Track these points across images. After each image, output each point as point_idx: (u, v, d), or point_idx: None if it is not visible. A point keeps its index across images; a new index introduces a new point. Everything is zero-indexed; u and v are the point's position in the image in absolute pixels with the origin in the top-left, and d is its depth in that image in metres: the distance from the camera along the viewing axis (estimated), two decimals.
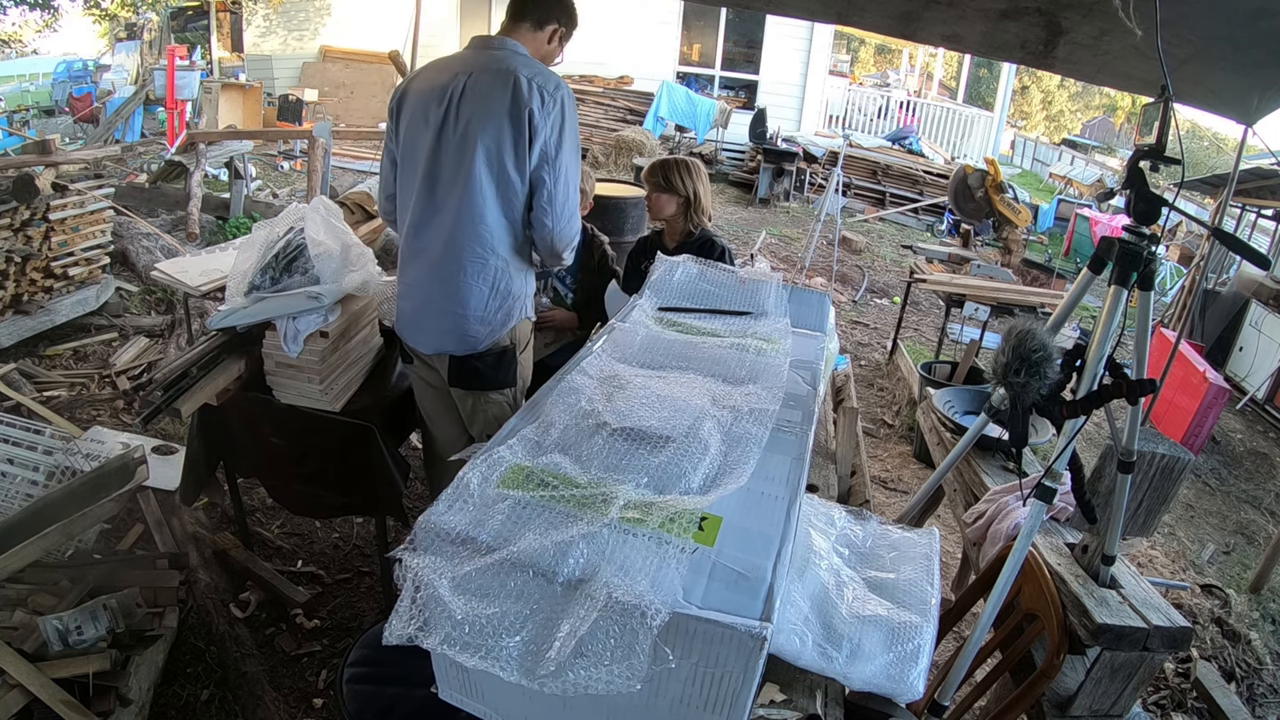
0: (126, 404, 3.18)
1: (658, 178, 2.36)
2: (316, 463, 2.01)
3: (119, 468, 2.24)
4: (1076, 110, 25.04)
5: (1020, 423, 1.42)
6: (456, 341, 1.79)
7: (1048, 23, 2.35)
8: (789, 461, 0.95)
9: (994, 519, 1.85)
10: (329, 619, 2.21)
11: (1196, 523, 3.84)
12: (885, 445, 3.87)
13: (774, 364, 1.16)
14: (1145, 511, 1.73)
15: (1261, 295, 5.78)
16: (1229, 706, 2.34)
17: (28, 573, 1.91)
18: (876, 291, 6.63)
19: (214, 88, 7.62)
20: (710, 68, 10.95)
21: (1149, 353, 1.42)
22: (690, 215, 2.38)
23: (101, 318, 3.76)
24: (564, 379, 1.07)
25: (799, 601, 0.96)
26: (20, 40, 10.79)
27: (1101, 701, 1.53)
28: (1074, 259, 8.83)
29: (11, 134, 7.31)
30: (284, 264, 1.86)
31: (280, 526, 2.58)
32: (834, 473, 1.80)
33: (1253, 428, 5.22)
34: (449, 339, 1.80)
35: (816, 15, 3.20)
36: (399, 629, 0.74)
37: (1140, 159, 1.31)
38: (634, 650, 0.69)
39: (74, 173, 5.30)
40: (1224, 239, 1.41)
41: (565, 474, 0.86)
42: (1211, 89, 2.48)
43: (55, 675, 1.64)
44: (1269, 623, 2.94)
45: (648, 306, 1.37)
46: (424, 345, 1.85)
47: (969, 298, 4.38)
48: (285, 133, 7.47)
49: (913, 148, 10.44)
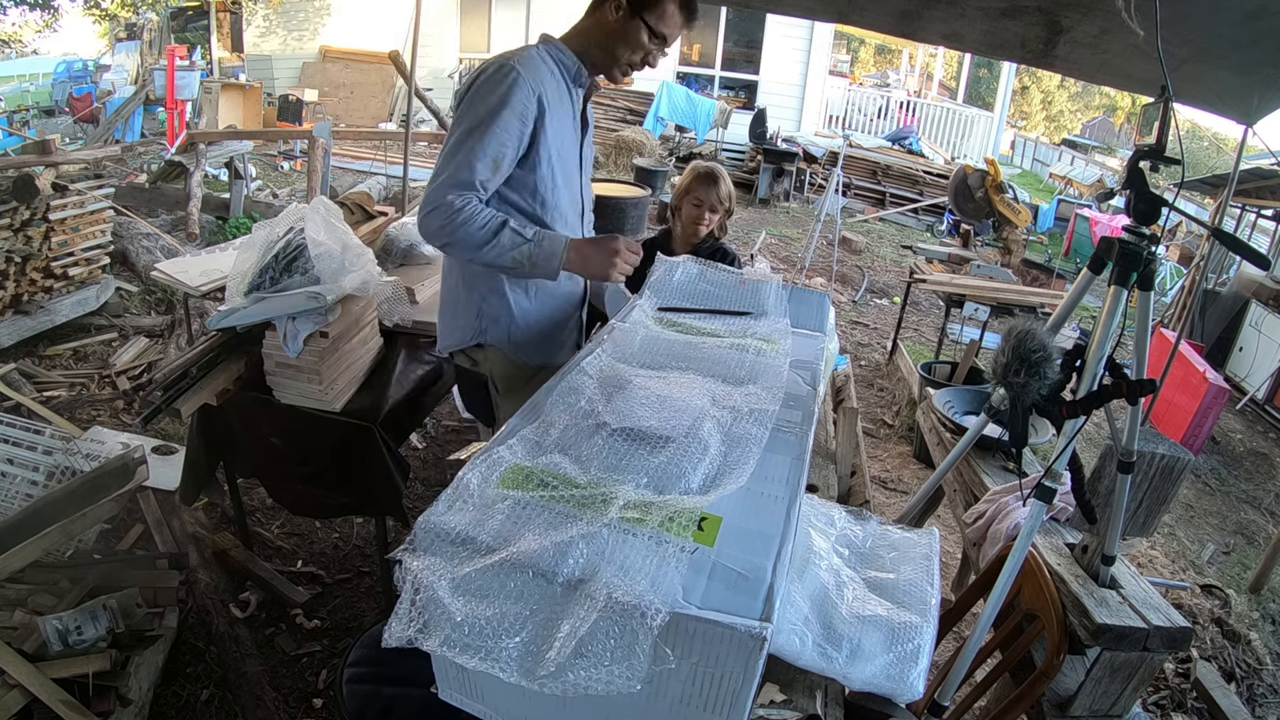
0: (126, 404, 3.18)
1: (727, 203, 2.19)
2: (316, 463, 2.01)
3: (119, 468, 2.24)
4: (1076, 110, 25.04)
5: (1020, 423, 1.42)
6: (444, 335, 1.77)
7: (1048, 21, 2.35)
8: (789, 461, 0.95)
9: (994, 519, 1.85)
10: (329, 619, 2.21)
11: (1196, 523, 3.84)
12: (885, 445, 3.87)
13: (774, 364, 1.16)
14: (1145, 512, 1.73)
15: (1261, 295, 5.78)
16: (1229, 707, 2.34)
17: (28, 573, 1.91)
18: (876, 291, 6.63)
19: (214, 88, 7.62)
20: (710, 68, 10.95)
21: (1149, 353, 1.42)
22: (721, 227, 2.29)
23: (101, 318, 3.77)
24: (564, 379, 1.07)
25: (799, 601, 0.96)
26: (20, 40, 10.80)
27: (1101, 702, 1.53)
28: (1074, 259, 8.83)
29: (11, 134, 7.31)
30: (284, 264, 1.86)
31: (280, 526, 2.58)
32: (834, 473, 1.80)
33: (1253, 428, 5.22)
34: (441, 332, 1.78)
35: (817, 14, 3.21)
36: (399, 631, 0.74)
37: (1140, 159, 1.31)
38: (634, 650, 0.69)
39: (74, 173, 5.29)
40: (1224, 239, 1.41)
41: (565, 474, 0.86)
42: (1211, 89, 2.48)
43: (55, 675, 1.64)
44: (1269, 623, 2.94)
45: (647, 306, 1.37)
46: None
47: (969, 298, 4.38)
48: (285, 133, 7.48)
49: (913, 148, 10.44)
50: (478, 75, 1.49)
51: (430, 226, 1.46)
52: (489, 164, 1.45)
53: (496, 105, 1.43)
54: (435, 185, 1.45)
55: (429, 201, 1.45)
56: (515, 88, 1.44)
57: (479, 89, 1.46)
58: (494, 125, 1.43)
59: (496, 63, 1.48)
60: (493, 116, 1.43)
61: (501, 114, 1.43)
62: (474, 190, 1.45)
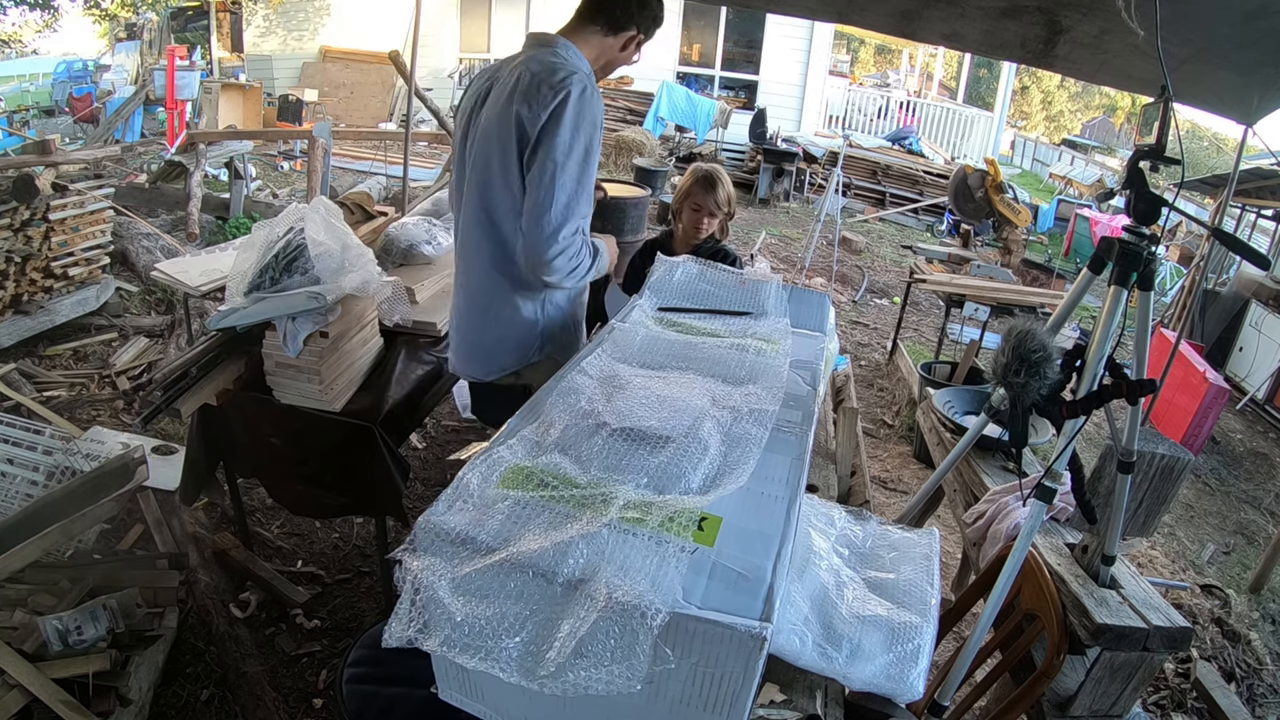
0: (126, 404, 3.18)
1: (727, 207, 2.18)
2: (316, 463, 2.01)
3: (119, 468, 2.24)
4: (1076, 110, 25.03)
5: (1020, 423, 1.42)
6: (464, 363, 1.77)
7: (1048, 21, 2.35)
8: (789, 461, 0.95)
9: (994, 519, 1.85)
10: (329, 619, 2.21)
11: (1196, 523, 3.84)
12: (885, 445, 3.87)
13: (774, 364, 1.16)
14: (1145, 512, 1.73)
15: (1261, 295, 5.78)
16: (1229, 707, 2.34)
17: (28, 573, 1.91)
18: (876, 291, 6.63)
19: (214, 88, 7.62)
20: (710, 68, 10.95)
21: (1149, 353, 1.42)
22: (722, 229, 2.29)
23: (101, 318, 3.77)
24: (564, 379, 1.07)
25: (799, 601, 0.96)
26: (20, 40, 10.80)
27: (1101, 702, 1.53)
28: (1074, 259, 8.83)
29: (11, 134, 7.31)
30: (284, 264, 1.86)
31: (280, 526, 2.58)
32: (834, 473, 1.80)
33: (1253, 428, 5.22)
34: (460, 358, 1.78)
35: (817, 14, 3.21)
36: (399, 631, 0.74)
37: (1140, 159, 1.31)
38: (634, 650, 0.69)
39: (74, 173, 5.30)
40: (1224, 239, 1.41)
41: (565, 474, 0.86)
42: (1211, 89, 2.48)
43: (55, 675, 1.64)
44: (1269, 623, 2.94)
45: (647, 307, 1.37)
46: (454, 365, 1.82)
47: (969, 298, 4.38)
48: (285, 133, 7.48)
49: (913, 148, 10.44)
50: (562, 89, 1.41)
51: (561, 267, 1.48)
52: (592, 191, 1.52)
53: (595, 132, 1.46)
54: (564, 224, 1.45)
55: (560, 241, 1.45)
56: (598, 109, 1.48)
57: (581, 112, 1.43)
58: (596, 151, 1.48)
59: (579, 84, 1.43)
60: (596, 145, 1.47)
61: (598, 137, 1.48)
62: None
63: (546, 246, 1.45)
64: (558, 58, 1.48)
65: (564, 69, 1.44)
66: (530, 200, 1.46)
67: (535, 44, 1.54)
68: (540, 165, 1.43)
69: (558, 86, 1.41)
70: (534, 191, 1.45)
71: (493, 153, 1.49)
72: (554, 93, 1.41)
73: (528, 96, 1.42)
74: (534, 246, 1.46)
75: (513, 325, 1.64)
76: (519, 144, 1.45)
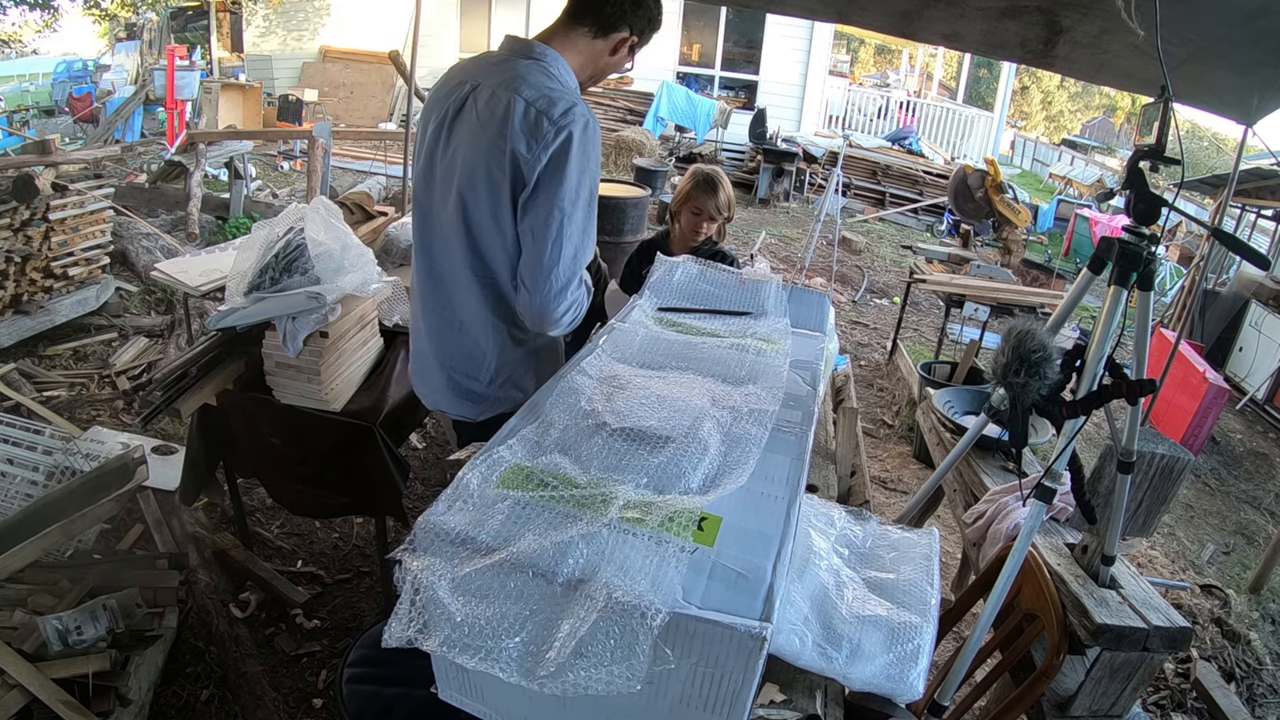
0: (126, 404, 3.18)
1: (727, 210, 2.16)
2: (316, 463, 2.01)
3: (119, 468, 2.24)
4: (1076, 110, 25.03)
5: (1020, 423, 1.42)
6: (450, 402, 1.59)
7: (1048, 21, 2.35)
8: (789, 461, 0.95)
9: (994, 519, 1.85)
10: (329, 619, 2.21)
11: (1196, 523, 3.84)
12: (885, 445, 3.87)
13: (774, 364, 1.16)
14: (1145, 512, 1.73)
15: (1261, 295, 5.78)
16: (1229, 707, 2.34)
17: (28, 573, 1.91)
18: (876, 291, 6.63)
19: (214, 88, 7.62)
20: (710, 68, 10.95)
21: (1149, 353, 1.42)
22: (720, 232, 2.29)
23: (101, 318, 3.77)
24: (564, 379, 1.07)
25: (799, 601, 0.96)
26: (20, 40, 10.79)
27: (1101, 702, 1.53)
28: (1074, 259, 8.83)
29: (11, 134, 7.31)
30: (284, 264, 1.86)
31: (280, 526, 2.58)
32: (834, 473, 1.80)
33: (1253, 428, 5.22)
34: (443, 397, 1.59)
35: (817, 14, 3.21)
36: (398, 631, 0.74)
37: (1140, 159, 1.31)
38: (634, 651, 0.69)
39: (74, 173, 5.30)
40: (1224, 239, 1.41)
41: (565, 474, 0.86)
42: (1211, 89, 2.48)
43: (55, 675, 1.64)
44: (1269, 623, 2.94)
45: (647, 307, 1.37)
46: (425, 397, 1.66)
47: (969, 298, 4.38)
48: (285, 133, 7.48)
49: (913, 148, 10.44)
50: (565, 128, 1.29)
51: (568, 322, 1.41)
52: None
53: (598, 171, 1.37)
54: (572, 279, 1.37)
55: (569, 297, 1.37)
56: (599, 143, 1.37)
57: (586, 153, 1.32)
58: (597, 187, 1.38)
59: (582, 118, 1.31)
60: (597, 182, 1.37)
61: (599, 174, 1.39)
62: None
63: (555, 305, 1.36)
64: (553, 81, 1.34)
65: (564, 100, 1.31)
66: (534, 252, 1.34)
67: (516, 53, 1.38)
68: (545, 213, 1.31)
69: (560, 123, 1.28)
70: (539, 242, 1.33)
71: (480, 191, 1.34)
72: (556, 131, 1.28)
73: (525, 133, 1.29)
74: (542, 305, 1.36)
75: (503, 361, 1.52)
76: (513, 186, 1.32)
